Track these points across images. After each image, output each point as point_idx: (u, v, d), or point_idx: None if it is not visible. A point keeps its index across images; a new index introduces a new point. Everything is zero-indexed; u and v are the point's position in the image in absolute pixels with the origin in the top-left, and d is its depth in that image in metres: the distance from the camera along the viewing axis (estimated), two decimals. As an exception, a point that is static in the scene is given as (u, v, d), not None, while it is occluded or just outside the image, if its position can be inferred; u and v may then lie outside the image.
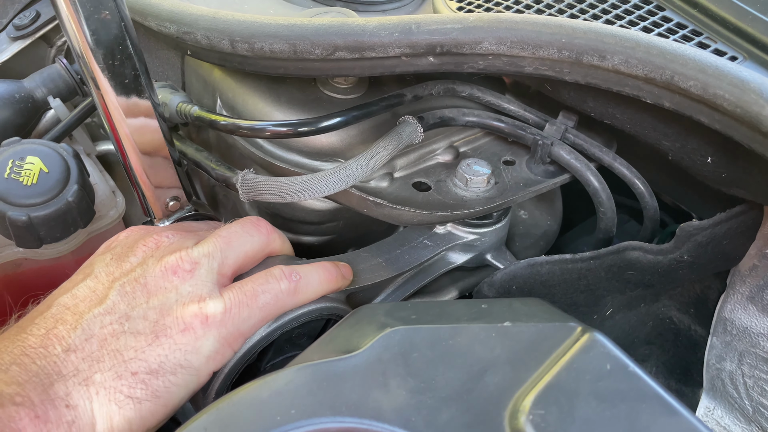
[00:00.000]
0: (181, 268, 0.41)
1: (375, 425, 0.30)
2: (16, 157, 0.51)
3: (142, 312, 0.39)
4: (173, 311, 0.40)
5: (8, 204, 0.50)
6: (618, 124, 0.50)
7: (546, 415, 0.31)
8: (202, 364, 0.40)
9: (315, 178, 0.46)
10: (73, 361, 0.37)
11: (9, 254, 0.57)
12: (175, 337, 0.39)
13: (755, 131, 0.38)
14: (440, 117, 0.54)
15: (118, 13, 0.41)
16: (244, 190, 0.48)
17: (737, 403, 0.52)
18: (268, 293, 0.42)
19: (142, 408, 0.37)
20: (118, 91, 0.44)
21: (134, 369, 0.38)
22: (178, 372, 0.39)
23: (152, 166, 0.49)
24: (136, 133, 0.46)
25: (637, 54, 0.41)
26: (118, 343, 0.38)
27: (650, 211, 0.54)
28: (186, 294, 0.40)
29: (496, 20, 0.43)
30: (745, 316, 0.50)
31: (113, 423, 0.37)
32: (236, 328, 0.41)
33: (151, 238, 0.44)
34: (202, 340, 0.39)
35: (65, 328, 0.38)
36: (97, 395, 0.36)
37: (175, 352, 0.39)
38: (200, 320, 0.40)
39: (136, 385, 0.37)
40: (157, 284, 0.41)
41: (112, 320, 0.39)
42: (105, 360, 0.37)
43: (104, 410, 0.36)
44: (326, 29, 0.44)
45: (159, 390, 0.38)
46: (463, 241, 0.57)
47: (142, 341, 0.38)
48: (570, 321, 0.37)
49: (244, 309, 0.41)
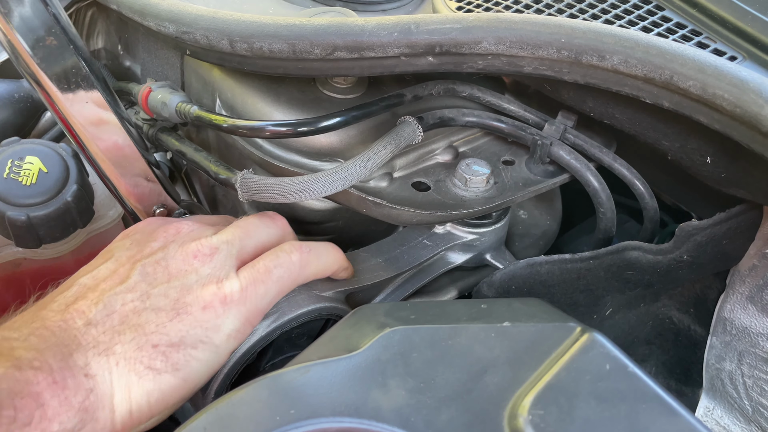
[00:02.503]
0: (202, 253, 0.43)
1: (374, 425, 0.30)
2: (15, 156, 0.51)
3: (163, 290, 0.40)
4: (194, 290, 0.41)
5: (7, 204, 0.50)
6: (617, 124, 0.50)
7: (545, 415, 0.31)
8: (223, 342, 0.41)
9: (314, 179, 0.46)
10: (93, 334, 0.37)
11: (8, 254, 0.57)
12: (195, 314, 0.40)
13: (755, 131, 0.38)
14: (440, 117, 0.54)
15: (65, 36, 0.40)
16: (243, 191, 0.48)
17: (737, 403, 0.52)
18: (280, 267, 0.44)
19: (161, 380, 0.38)
20: (77, 108, 0.43)
21: (155, 342, 0.38)
22: (199, 347, 0.39)
23: (128, 176, 0.49)
24: (103, 145, 0.46)
25: (636, 54, 0.41)
26: (140, 318, 0.39)
27: (650, 211, 0.54)
28: (206, 276, 0.42)
29: (495, 20, 0.43)
30: (745, 316, 0.50)
31: (131, 394, 0.37)
32: (255, 305, 0.42)
33: (171, 225, 0.46)
34: (223, 318, 0.41)
35: (86, 304, 0.39)
36: (117, 366, 0.37)
37: (195, 328, 0.40)
38: (219, 299, 0.41)
39: (156, 357, 0.38)
40: (178, 267, 0.42)
41: (133, 298, 0.40)
42: (126, 333, 0.38)
43: (123, 381, 0.37)
44: (325, 29, 0.44)
45: (179, 363, 0.39)
46: (463, 241, 0.57)
47: (164, 317, 0.39)
48: (569, 321, 0.37)
49: (260, 286, 0.42)
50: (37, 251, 0.57)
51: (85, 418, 0.34)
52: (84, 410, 0.34)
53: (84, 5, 0.70)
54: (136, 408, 0.37)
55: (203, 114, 0.51)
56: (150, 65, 0.68)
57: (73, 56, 0.41)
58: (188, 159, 0.55)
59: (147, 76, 0.69)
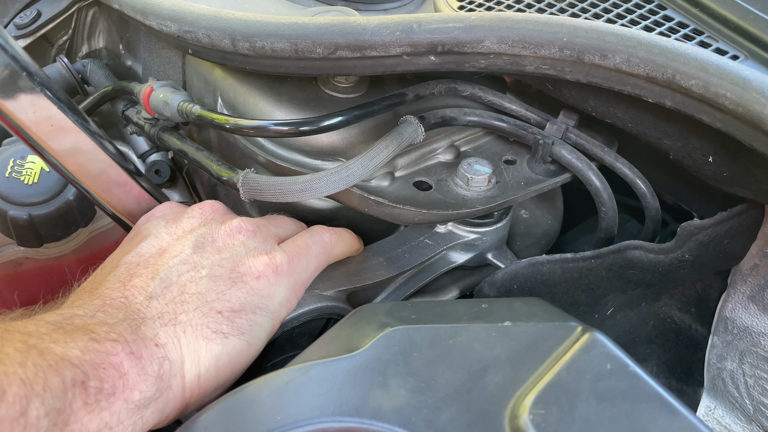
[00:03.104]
0: (246, 228, 0.45)
1: (375, 425, 0.30)
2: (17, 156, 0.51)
3: (216, 261, 0.42)
4: (245, 262, 0.43)
5: (9, 203, 0.50)
6: (619, 123, 0.50)
7: (546, 414, 0.31)
8: (277, 309, 0.43)
9: (316, 178, 0.46)
10: (156, 306, 0.38)
11: (10, 253, 0.57)
12: (250, 283, 0.42)
13: (757, 130, 0.38)
14: (441, 117, 0.54)
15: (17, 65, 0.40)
16: (245, 190, 0.48)
17: (738, 403, 0.52)
18: (317, 244, 0.47)
19: (229, 343, 0.39)
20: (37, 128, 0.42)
21: (219, 308, 0.40)
22: (258, 312, 0.41)
23: (109, 191, 0.49)
24: (75, 161, 0.46)
25: (638, 53, 0.41)
26: (199, 287, 0.40)
27: (652, 211, 0.54)
28: (253, 248, 0.44)
29: (498, 19, 0.43)
30: (746, 315, 0.50)
31: (201, 359, 0.38)
32: (300, 276, 0.45)
33: (205, 204, 0.48)
34: (275, 287, 0.43)
35: (142, 280, 0.39)
36: (185, 333, 0.38)
37: (252, 296, 0.41)
38: (272, 269, 0.43)
39: (222, 322, 0.39)
40: (225, 241, 0.44)
41: (188, 269, 0.41)
42: (189, 302, 0.39)
43: (192, 347, 0.38)
44: (328, 28, 0.44)
45: (243, 327, 0.40)
46: (464, 241, 0.56)
47: (222, 285, 0.41)
48: (570, 320, 0.37)
49: (303, 259, 0.45)
50: (39, 250, 0.57)
51: (161, 386, 0.35)
52: (159, 378, 0.35)
53: (85, 5, 0.70)
54: (204, 372, 0.38)
55: (205, 113, 0.51)
56: (151, 65, 0.68)
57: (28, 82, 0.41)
58: (190, 158, 0.55)
59: (148, 76, 0.69)
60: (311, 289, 0.47)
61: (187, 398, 0.38)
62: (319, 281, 0.48)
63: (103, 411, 0.32)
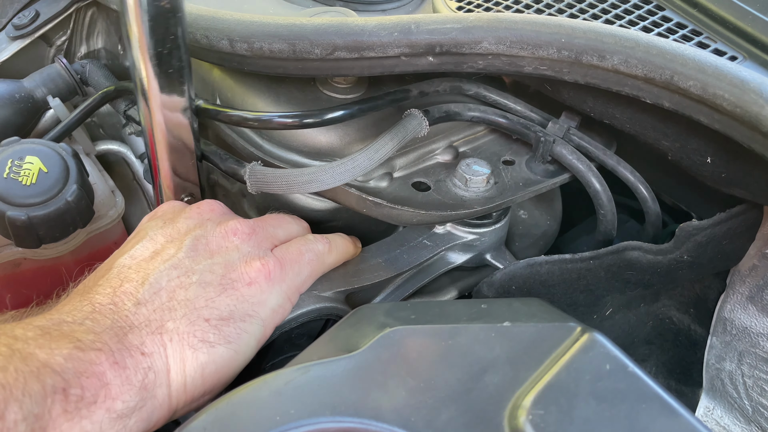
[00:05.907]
0: (241, 231, 0.44)
1: (374, 425, 0.30)
2: (15, 156, 0.51)
3: (207, 266, 0.41)
4: (238, 267, 0.42)
5: (7, 204, 0.50)
6: (618, 124, 0.50)
7: (545, 415, 0.31)
8: (268, 316, 0.42)
9: (322, 170, 0.46)
10: (144, 313, 0.38)
11: (8, 254, 0.57)
12: (241, 290, 0.41)
13: (755, 131, 0.38)
14: (446, 111, 0.54)
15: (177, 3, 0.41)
16: (252, 182, 0.48)
17: (737, 403, 0.52)
18: (310, 251, 0.46)
19: (215, 352, 0.38)
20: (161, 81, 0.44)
21: (206, 316, 0.39)
22: (247, 320, 0.40)
23: (177, 160, 0.49)
24: (168, 124, 0.47)
25: (636, 54, 0.41)
26: (188, 293, 0.40)
27: (652, 216, 0.54)
28: (246, 253, 0.43)
29: (496, 20, 0.43)
30: (745, 316, 0.50)
31: (186, 367, 0.38)
32: (294, 282, 0.44)
33: (203, 204, 0.47)
34: (267, 294, 0.42)
35: (132, 285, 0.39)
36: (171, 342, 0.38)
37: (243, 303, 0.41)
38: (264, 275, 0.42)
39: (208, 330, 0.39)
40: (219, 243, 0.43)
41: (178, 274, 0.40)
42: (177, 309, 0.39)
43: (177, 356, 0.37)
44: (326, 29, 0.44)
45: (231, 335, 0.39)
46: (463, 241, 0.56)
47: (212, 292, 0.40)
48: (569, 321, 0.37)
49: (295, 265, 0.45)
50: (37, 251, 0.57)
51: (145, 396, 0.35)
52: (143, 388, 0.35)
53: (84, 5, 0.70)
54: (190, 381, 0.38)
55: (209, 107, 0.51)
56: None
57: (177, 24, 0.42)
58: None
59: (147, 76, 0.68)
60: (310, 290, 0.47)
61: (174, 406, 0.37)
62: (317, 282, 0.48)
63: (83, 419, 0.32)
